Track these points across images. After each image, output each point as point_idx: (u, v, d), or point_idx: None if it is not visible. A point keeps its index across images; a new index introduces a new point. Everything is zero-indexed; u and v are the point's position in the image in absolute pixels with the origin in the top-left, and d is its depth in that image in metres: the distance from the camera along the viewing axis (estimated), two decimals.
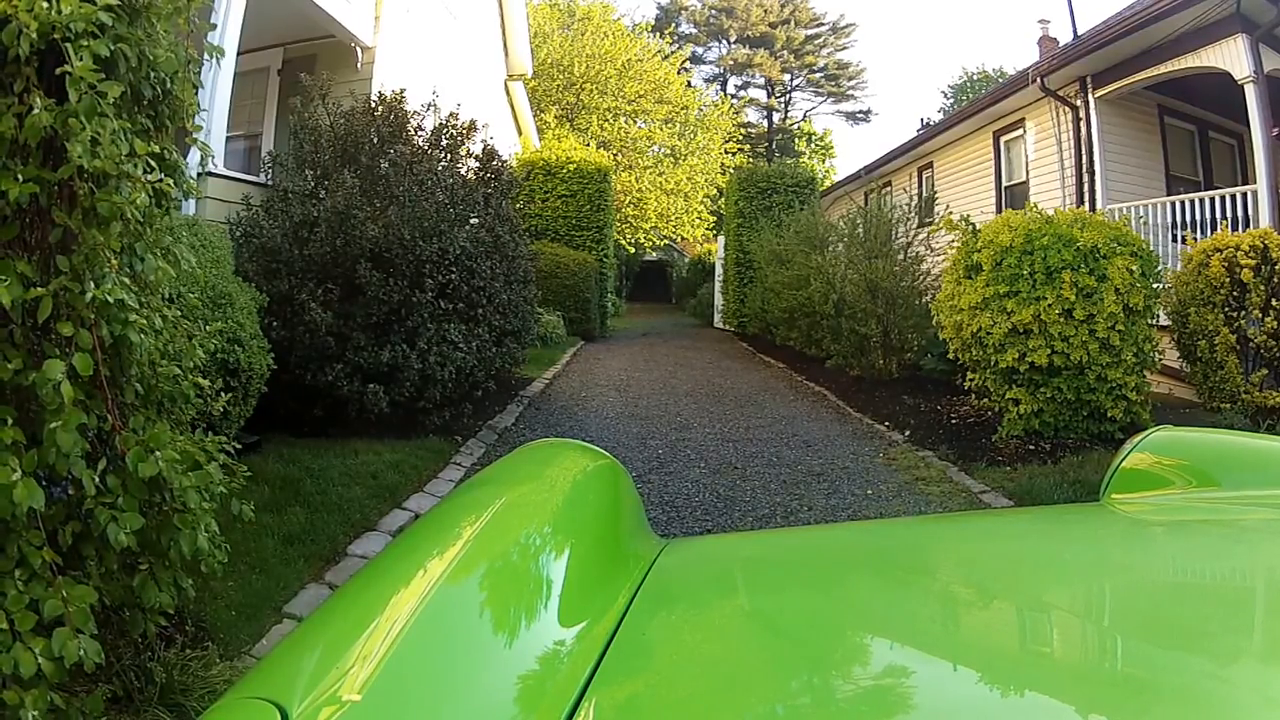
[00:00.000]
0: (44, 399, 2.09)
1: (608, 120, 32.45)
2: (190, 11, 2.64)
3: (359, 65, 11.29)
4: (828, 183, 42.40)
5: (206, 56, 2.80)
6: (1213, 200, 11.72)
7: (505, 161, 9.50)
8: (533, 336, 10.20)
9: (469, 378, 7.67)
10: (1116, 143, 14.33)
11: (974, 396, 8.92)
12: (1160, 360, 8.52)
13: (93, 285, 2.15)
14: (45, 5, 2.13)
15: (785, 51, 57.37)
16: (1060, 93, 14.78)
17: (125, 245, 2.31)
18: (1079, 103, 14.54)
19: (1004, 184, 17.69)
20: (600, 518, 1.56)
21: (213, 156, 3.08)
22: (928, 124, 23.45)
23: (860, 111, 60.63)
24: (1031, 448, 7.81)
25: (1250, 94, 11.12)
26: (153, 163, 2.33)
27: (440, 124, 8.59)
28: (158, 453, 2.34)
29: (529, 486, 1.58)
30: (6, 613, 2.13)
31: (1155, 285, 8.26)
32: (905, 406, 9.87)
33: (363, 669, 0.93)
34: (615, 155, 31.10)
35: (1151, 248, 11.05)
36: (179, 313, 2.61)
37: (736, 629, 1.29)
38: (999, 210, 16.39)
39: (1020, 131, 16.88)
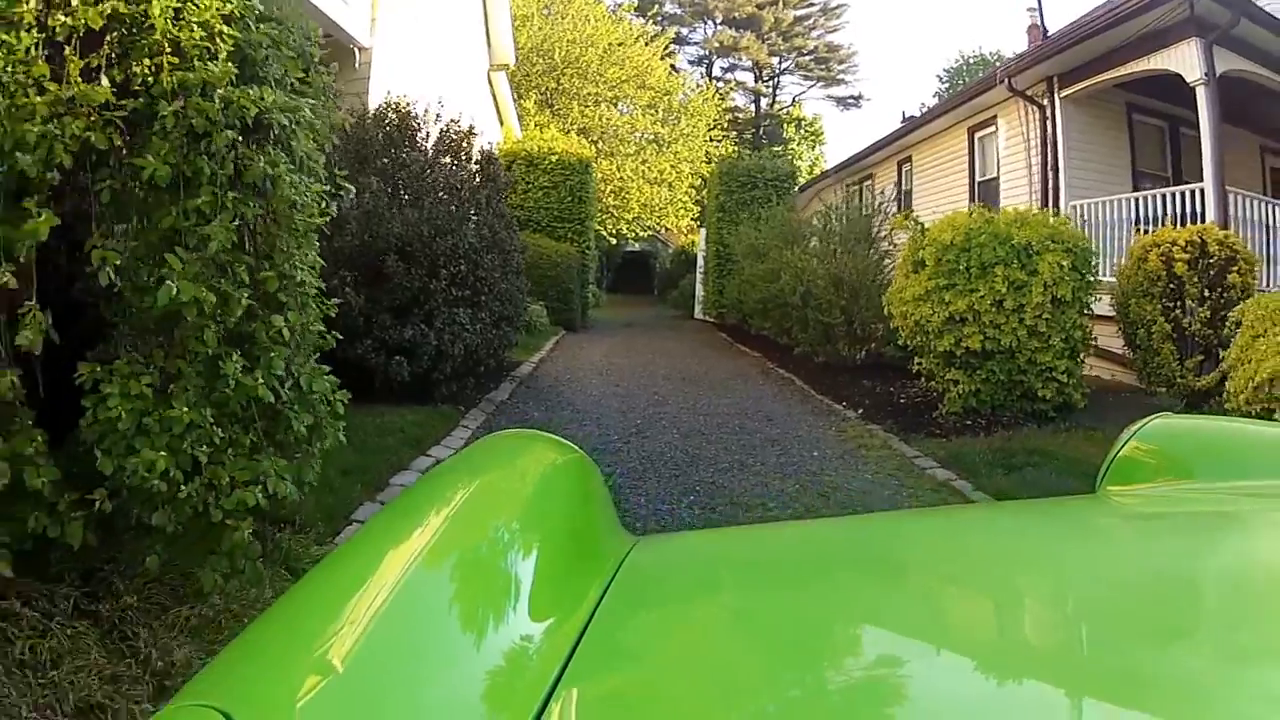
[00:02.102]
0: (261, 341, 3.67)
1: (589, 106, 33.58)
2: (327, 94, 4.24)
3: (356, 65, 12.55)
4: (818, 169, 43.47)
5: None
6: (1169, 196, 12.83)
7: (499, 165, 11.11)
8: (524, 322, 11.91)
9: (473, 355, 9.31)
10: (1082, 141, 15.46)
11: (923, 379, 10.32)
12: (1093, 346, 10.05)
13: (297, 271, 3.76)
14: (253, 91, 3.68)
15: (773, 34, 57.99)
16: (1029, 92, 15.92)
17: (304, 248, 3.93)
18: (1046, 102, 15.69)
19: (977, 179, 18.89)
20: (570, 512, 1.60)
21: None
22: (909, 118, 24.85)
23: (851, 96, 61.59)
24: (969, 423, 9.29)
25: (1201, 96, 12.27)
26: (325, 196, 3.95)
27: (444, 131, 10.21)
28: (327, 378, 3.99)
29: (496, 478, 1.62)
30: (230, 475, 3.69)
31: (1090, 278, 9.60)
32: (863, 389, 11.46)
33: (318, 670, 0.95)
34: (596, 142, 32.07)
35: (1101, 243, 12.91)
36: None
37: (709, 627, 1.32)
38: (973, 203, 17.39)
39: (993, 129, 18.07)
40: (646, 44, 36.09)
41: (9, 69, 3.12)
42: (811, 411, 10.67)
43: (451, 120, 10.37)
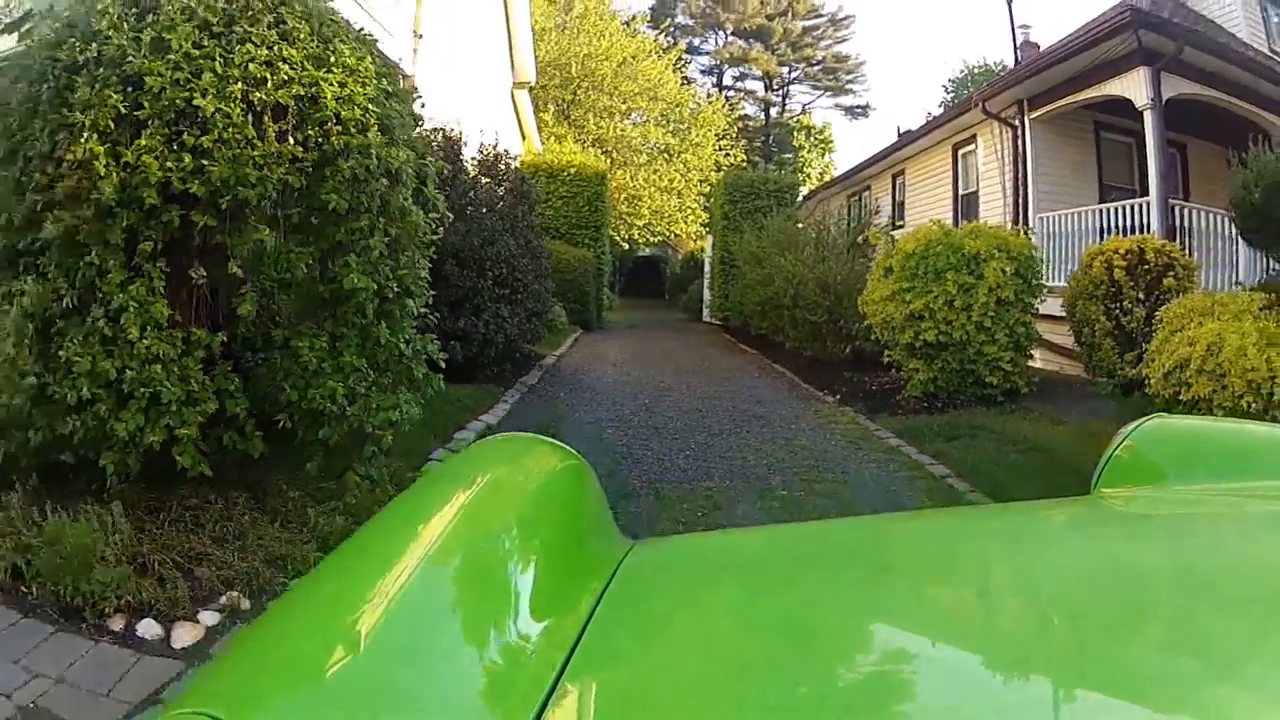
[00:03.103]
0: (396, 316, 5.59)
1: (603, 119, 35.04)
2: (428, 147, 6.15)
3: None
4: (829, 175, 44.75)
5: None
6: (1125, 208, 14.30)
7: (532, 184, 13.16)
8: (550, 318, 13.91)
9: (511, 344, 11.37)
10: (1050, 158, 17.03)
11: (893, 370, 12.05)
12: (1049, 343, 11.88)
13: (421, 270, 5.71)
14: (393, 151, 5.50)
15: (783, 44, 59.10)
16: (1002, 114, 17.49)
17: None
18: (1017, 123, 17.24)
19: (960, 193, 20.43)
20: (568, 515, 1.67)
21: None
22: (904, 132, 26.40)
23: (858, 106, 62.24)
24: (926, 405, 11.04)
25: (1148, 119, 13.82)
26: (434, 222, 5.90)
27: (484, 156, 12.19)
28: (433, 343, 5.93)
29: (496, 482, 1.68)
30: (377, 403, 5.54)
31: (1035, 282, 11.34)
32: (844, 379, 13.27)
33: (313, 676, 1.00)
34: (610, 153, 33.53)
35: (1063, 251, 14.29)
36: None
37: (704, 628, 1.37)
38: (956, 216, 19.33)
39: (973, 146, 19.62)
40: (659, 58, 37.52)
41: (228, 130, 4.91)
42: (796, 397, 12.61)
43: (491, 145, 12.37)
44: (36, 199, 4.93)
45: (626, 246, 37.72)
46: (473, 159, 11.98)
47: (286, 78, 5.16)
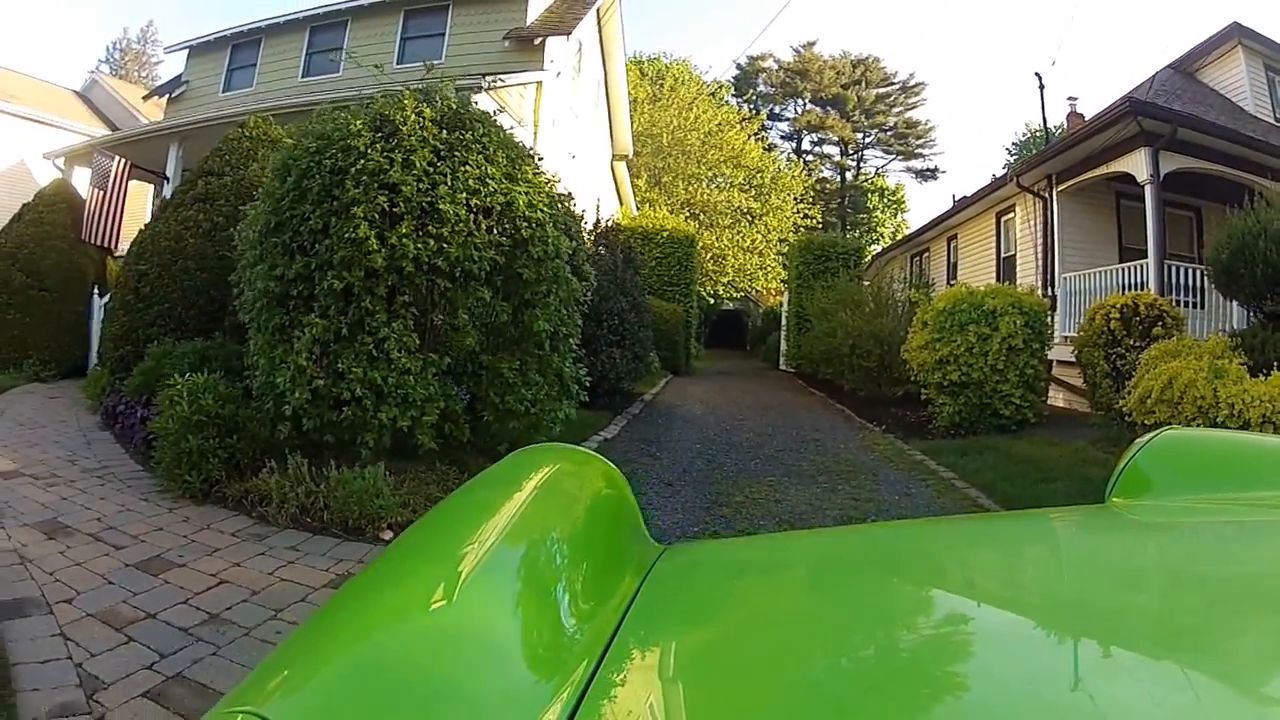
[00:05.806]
0: (563, 349, 8.14)
1: (691, 184, 37.19)
2: (580, 236, 8.69)
3: None
4: (901, 234, 46.42)
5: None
6: (1133, 268, 15.89)
7: (637, 253, 15.80)
8: (650, 362, 16.51)
9: (620, 380, 14.01)
10: (1074, 225, 18.67)
11: (928, 406, 14.12)
12: (1064, 382, 13.89)
13: (577, 320, 8.28)
14: (562, 239, 8.01)
15: (857, 111, 61.12)
16: (1034, 187, 19.45)
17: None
18: (1046, 195, 19.15)
19: (1002, 255, 22.31)
20: (608, 518, 1.74)
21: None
22: (960, 199, 27.77)
23: (928, 169, 63.85)
24: (952, 433, 13.06)
25: (1148, 192, 15.49)
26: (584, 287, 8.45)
27: (601, 230, 14.85)
28: (579, 368, 8.48)
29: (550, 484, 1.71)
30: (547, 406, 8.10)
31: (1044, 332, 13.30)
32: (890, 414, 15.48)
33: (357, 675, 1.00)
34: (698, 215, 35.67)
35: (1083, 306, 15.74)
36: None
37: (730, 619, 1.45)
38: (998, 275, 21.33)
39: (1012, 214, 21.52)
40: (742, 127, 39.71)
41: (459, 224, 7.17)
42: (849, 427, 14.88)
43: (606, 220, 15.09)
44: (308, 260, 7.09)
45: (712, 301, 39.35)
46: (589, 230, 14.50)
47: (492, 189, 7.35)
